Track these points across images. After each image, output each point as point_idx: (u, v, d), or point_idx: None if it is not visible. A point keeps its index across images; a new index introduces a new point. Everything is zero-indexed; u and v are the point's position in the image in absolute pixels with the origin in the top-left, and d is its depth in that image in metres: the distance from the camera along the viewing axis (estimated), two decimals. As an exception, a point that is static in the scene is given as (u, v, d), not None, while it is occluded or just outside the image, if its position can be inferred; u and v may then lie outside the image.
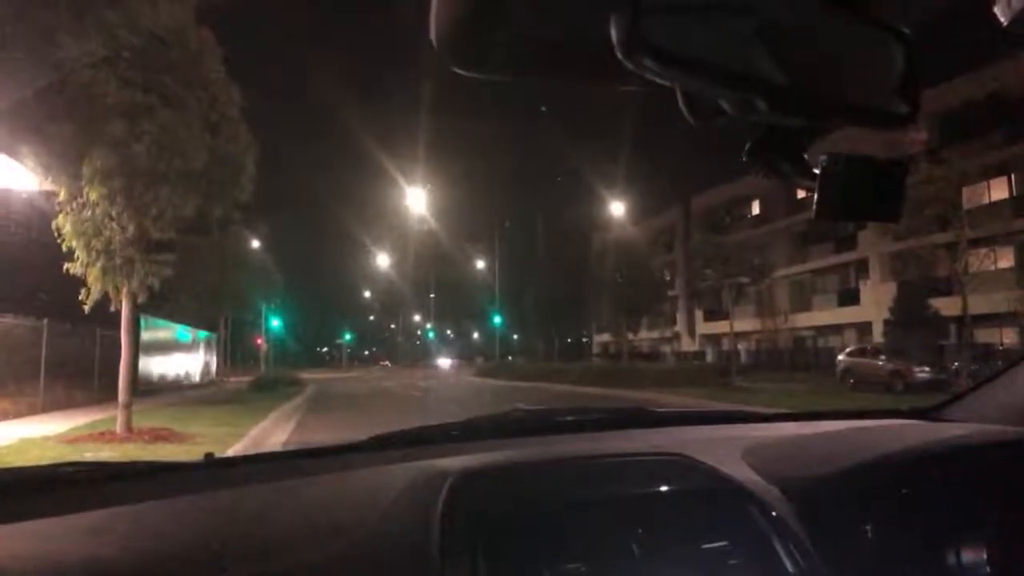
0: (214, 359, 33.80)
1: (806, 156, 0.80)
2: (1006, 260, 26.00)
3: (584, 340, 55.23)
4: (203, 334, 31.04)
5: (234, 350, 48.59)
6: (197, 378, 29.21)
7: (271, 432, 11.53)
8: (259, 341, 42.72)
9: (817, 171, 0.80)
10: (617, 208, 36.16)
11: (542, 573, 0.94)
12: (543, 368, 37.03)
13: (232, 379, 32.48)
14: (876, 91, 0.73)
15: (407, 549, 0.94)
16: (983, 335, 25.35)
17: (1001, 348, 24.06)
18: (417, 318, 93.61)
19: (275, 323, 41.67)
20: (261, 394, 20.44)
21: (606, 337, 50.04)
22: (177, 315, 25.96)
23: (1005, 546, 1.13)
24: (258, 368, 38.18)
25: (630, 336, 38.18)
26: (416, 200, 36.08)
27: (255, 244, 33.19)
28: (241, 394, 20.66)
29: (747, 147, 0.79)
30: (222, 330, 34.13)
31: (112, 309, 10.04)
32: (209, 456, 1.34)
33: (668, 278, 43.81)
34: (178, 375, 26.21)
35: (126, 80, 9.04)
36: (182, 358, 27.13)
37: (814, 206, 0.82)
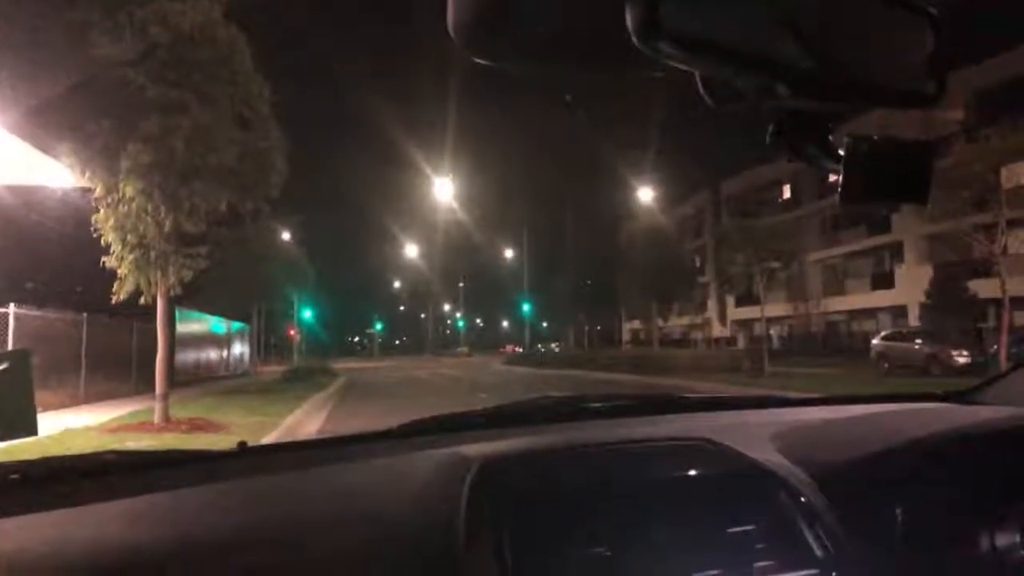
0: (248, 350, 34.29)
1: (831, 138, 0.79)
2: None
3: (614, 327, 55.02)
4: (237, 325, 31.49)
5: (267, 341, 49.31)
6: (231, 368, 29.66)
7: (304, 422, 11.70)
8: (291, 331, 43.25)
9: (842, 153, 0.78)
10: (646, 194, 35.90)
11: (568, 556, 0.95)
12: (573, 356, 37.00)
13: (265, 369, 32.95)
14: (902, 72, 0.71)
15: (435, 534, 0.94)
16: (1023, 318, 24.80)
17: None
18: (447, 307, 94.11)
19: (307, 314, 42.14)
20: (294, 384, 20.68)
21: (636, 324, 49.85)
22: (211, 307, 26.36)
23: None
24: (291, 358, 38.67)
25: (660, 323, 37.99)
26: (444, 190, 36.19)
27: (286, 236, 33.57)
28: (274, 384, 20.94)
29: (770, 129, 0.78)
30: (255, 321, 34.60)
31: (142, 302, 10.21)
32: (243, 444, 1.36)
33: (698, 264, 43.45)
34: (213, 366, 26.64)
35: (160, 77, 9.20)
36: (216, 349, 27.57)
37: (839, 190, 0.80)
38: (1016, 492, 1.15)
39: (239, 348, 32.45)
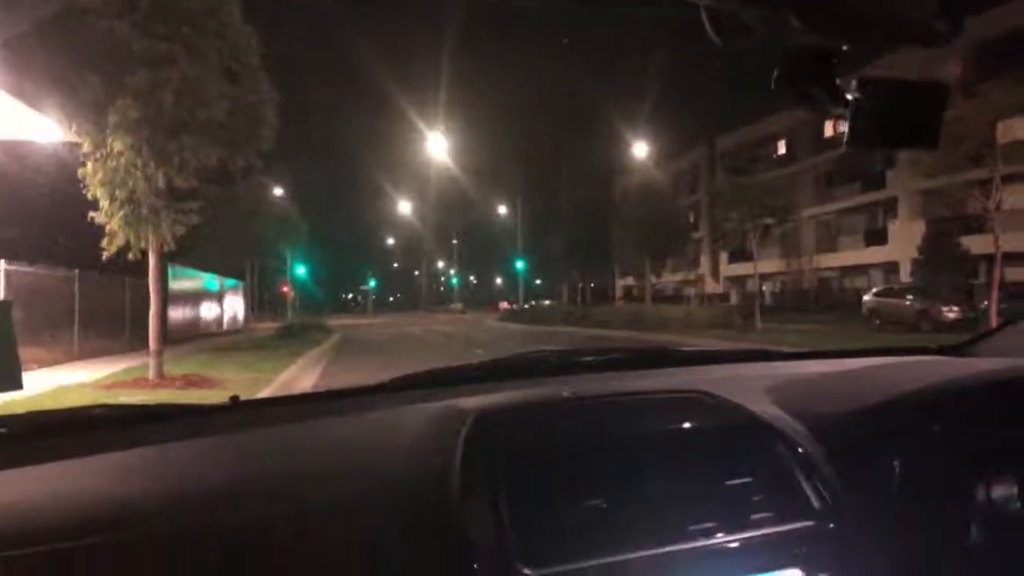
0: (241, 306, 34.24)
1: (838, 81, 0.77)
2: (1041, 197, 25.37)
3: (608, 284, 55.13)
4: (230, 282, 31.39)
5: (261, 297, 49.24)
6: (225, 325, 29.66)
7: (299, 377, 11.76)
8: (285, 288, 43.18)
9: (850, 96, 0.76)
10: (641, 149, 35.62)
11: (564, 509, 0.94)
12: (567, 312, 37.09)
13: (259, 326, 32.94)
14: (916, 6, 0.69)
15: (430, 485, 0.94)
16: (1015, 274, 24.92)
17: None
18: (440, 264, 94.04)
19: (300, 270, 42.01)
20: (288, 341, 20.71)
21: (629, 280, 49.92)
22: (204, 264, 26.26)
23: None
24: (285, 315, 38.70)
25: (653, 279, 38.06)
26: (437, 145, 35.80)
27: (279, 192, 33.30)
28: (269, 341, 20.97)
29: (776, 73, 0.76)
30: (248, 278, 34.52)
31: (131, 257, 10.15)
32: (235, 399, 1.35)
33: (692, 220, 43.35)
34: (207, 322, 26.63)
35: (146, 30, 9.00)
36: (210, 306, 27.52)
37: (846, 133, 0.79)
38: (1011, 444, 1.15)
39: (233, 305, 32.38)
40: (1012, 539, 1.09)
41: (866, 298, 24.66)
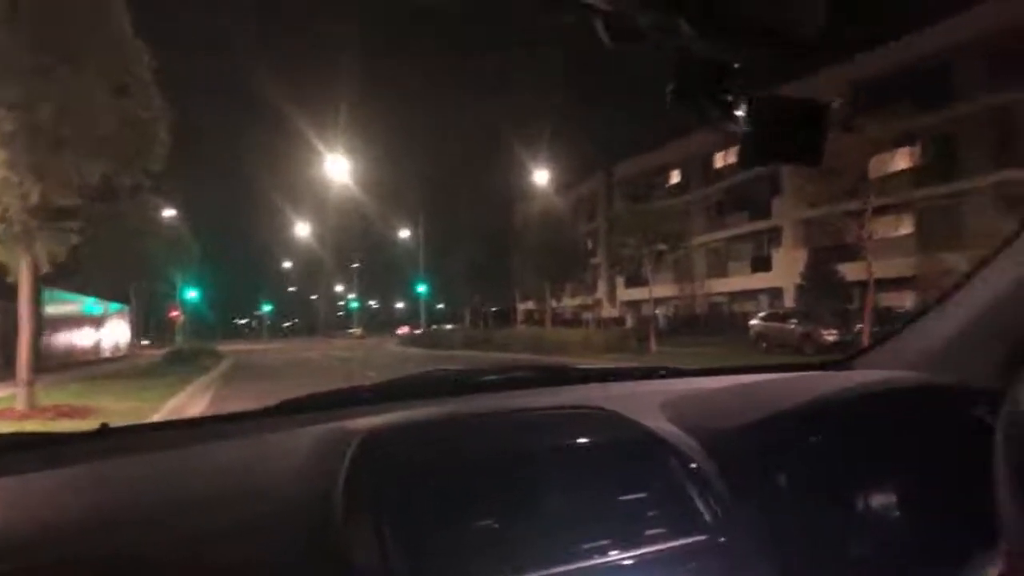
0: (127, 332, 32.49)
1: (730, 99, 0.79)
2: (907, 227, 27.37)
3: (509, 307, 55.51)
4: (115, 306, 29.73)
5: (148, 322, 46.89)
6: (108, 352, 28.03)
7: (187, 405, 11.22)
8: (174, 313, 41.26)
9: (740, 113, 0.79)
10: (541, 176, 36.26)
11: (454, 530, 0.92)
12: (469, 336, 37.09)
13: (147, 352, 31.35)
14: (801, 18, 0.71)
15: (313, 509, 0.91)
16: (886, 299, 26.69)
17: (902, 310, 25.39)
18: (339, 288, 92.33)
19: (191, 294, 40.24)
20: (176, 367, 19.77)
21: (530, 304, 50.45)
22: (86, 287, 24.81)
23: (912, 489, 1.15)
24: (174, 340, 36.94)
25: (553, 303, 38.59)
26: (337, 166, 35.24)
27: (169, 212, 31.88)
28: (156, 367, 19.96)
29: (670, 89, 0.78)
30: (134, 302, 32.81)
31: (11, 280, 9.51)
32: (105, 426, 1.27)
33: (590, 246, 44.34)
34: (87, 349, 25.09)
35: (26, 38, 8.46)
36: (92, 331, 25.96)
37: (738, 150, 0.81)
38: (888, 453, 1.19)
39: (117, 330, 30.66)
40: (892, 547, 1.12)
41: (753, 322, 25.86)
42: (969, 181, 24.49)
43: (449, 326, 52.58)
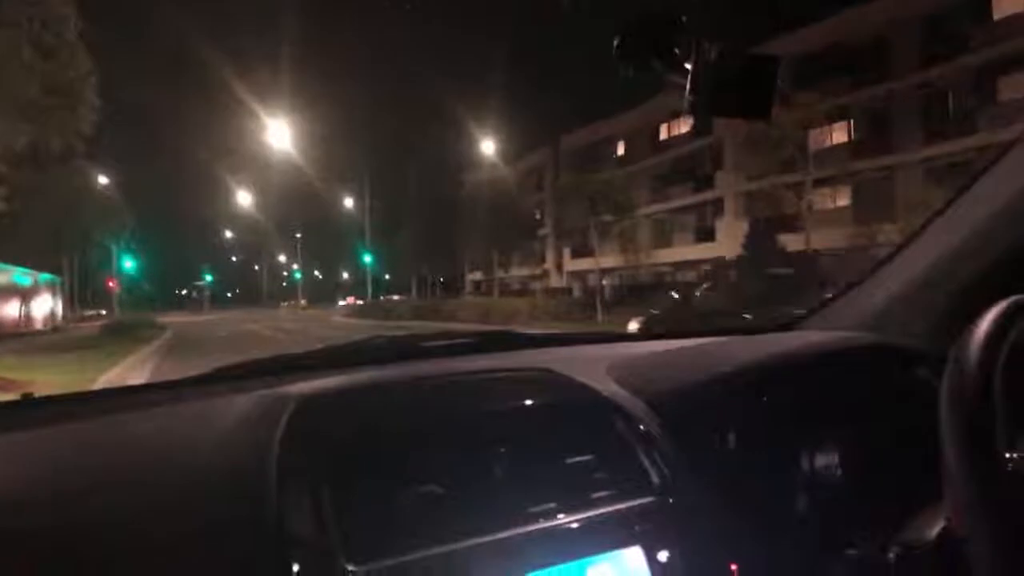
0: (60, 304, 31.41)
1: (677, 51, 0.78)
2: (844, 199, 28.14)
3: (458, 278, 55.37)
4: (45, 277, 28.70)
5: (83, 294, 45.43)
6: (42, 324, 27.13)
7: (125, 378, 10.92)
8: (111, 283, 40.07)
9: (688, 65, 0.78)
10: (488, 147, 36.07)
11: (395, 498, 0.90)
12: (417, 306, 36.95)
13: (82, 324, 30.40)
14: None
15: (245, 479, 0.87)
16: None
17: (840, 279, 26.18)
18: (283, 258, 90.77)
19: (128, 264, 39.07)
20: (114, 339, 19.19)
21: (478, 275, 50.44)
22: (14, 258, 23.86)
23: (857, 446, 1.15)
24: (111, 312, 35.88)
25: (501, 274, 38.69)
26: (278, 133, 34.39)
27: (103, 180, 30.77)
28: (92, 340, 19.33)
29: (616, 43, 0.77)
30: (67, 272, 31.72)
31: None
32: (27, 396, 1.22)
33: (538, 216, 44.43)
34: (17, 321, 24.23)
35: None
36: (22, 303, 25.05)
37: (685, 101, 0.79)
38: (833, 412, 1.18)
39: (50, 302, 29.62)
40: (838, 504, 1.11)
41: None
42: (902, 155, 25.27)
43: (396, 297, 52.26)
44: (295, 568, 0.79)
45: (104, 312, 40.00)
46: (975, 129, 22.35)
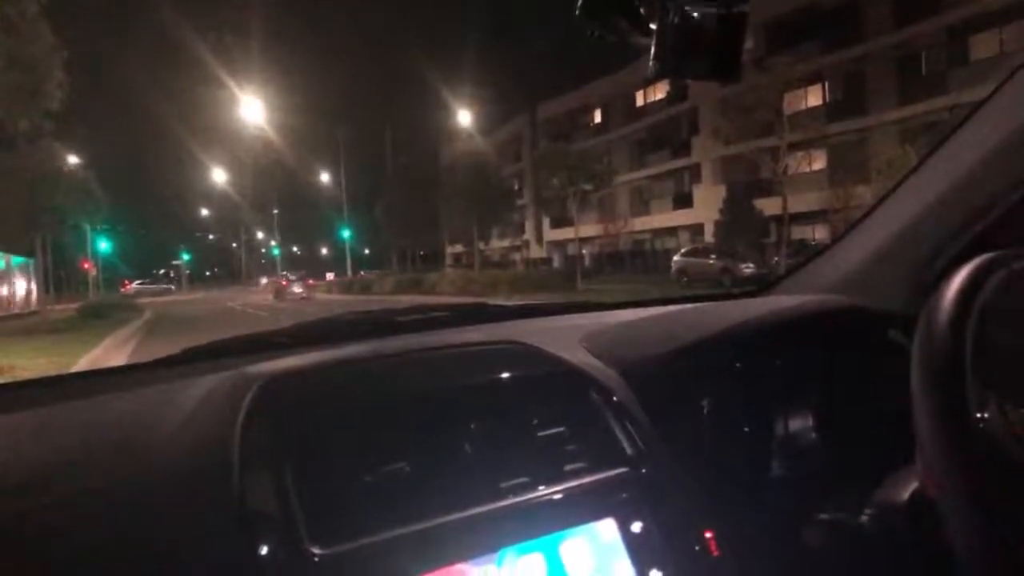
0: (34, 286, 30.99)
1: (642, 10, 0.77)
2: (820, 162, 28.32)
3: (439, 251, 55.21)
4: (18, 259, 28.26)
5: (58, 276, 44.83)
6: (16, 308, 26.77)
7: (103, 361, 10.85)
8: (86, 265, 39.57)
9: (653, 25, 0.77)
10: (465, 118, 35.82)
11: (363, 477, 0.87)
12: (397, 281, 36.85)
13: (58, 307, 29.99)
14: None
15: (209, 460, 0.85)
16: (800, 232, 27.73)
17: (814, 243, 26.47)
18: (261, 235, 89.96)
19: (103, 245, 38.57)
20: (91, 322, 19.02)
21: (458, 248, 50.35)
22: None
23: (830, 410, 1.15)
24: (87, 294, 35.47)
25: (482, 245, 38.64)
26: (253, 109, 33.89)
27: (74, 160, 30.19)
28: (69, 322, 19.13)
29: (580, 2, 0.76)
30: (40, 255, 31.23)
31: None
32: None
33: (517, 187, 44.32)
34: (-7, 305, 23.92)
35: None
36: (-5, 287, 24.71)
37: (650, 63, 0.78)
38: (805, 376, 1.19)
39: (23, 285, 29.21)
40: (812, 467, 1.11)
41: (675, 259, 26.56)
42: (876, 117, 25.42)
43: (376, 271, 52.00)
44: (259, 551, 0.77)
45: (82, 293, 39.48)
46: (948, 89, 22.49)
